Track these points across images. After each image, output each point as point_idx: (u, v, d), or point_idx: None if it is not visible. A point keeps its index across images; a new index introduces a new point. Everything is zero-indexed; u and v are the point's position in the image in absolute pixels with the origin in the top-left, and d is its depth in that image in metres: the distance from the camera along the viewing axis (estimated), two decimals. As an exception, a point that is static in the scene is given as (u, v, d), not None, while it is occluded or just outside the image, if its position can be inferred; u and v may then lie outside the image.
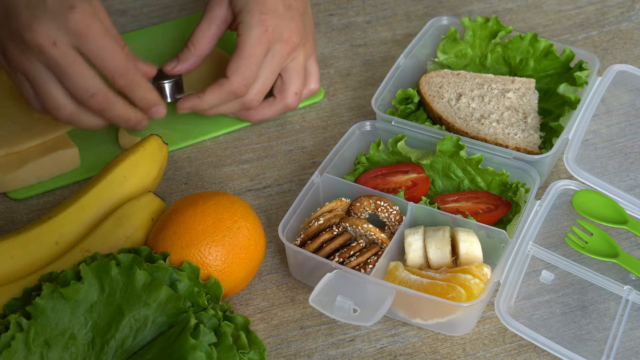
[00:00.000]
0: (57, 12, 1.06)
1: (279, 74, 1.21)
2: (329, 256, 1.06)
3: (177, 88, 1.23)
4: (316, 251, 1.06)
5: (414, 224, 1.10)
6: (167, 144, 1.14)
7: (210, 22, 1.21)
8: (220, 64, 1.31)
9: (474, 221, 1.07)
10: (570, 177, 1.14)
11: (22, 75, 1.11)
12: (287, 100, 1.22)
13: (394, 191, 1.13)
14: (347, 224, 1.08)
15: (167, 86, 1.22)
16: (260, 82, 1.18)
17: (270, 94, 1.23)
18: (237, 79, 1.16)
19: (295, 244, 1.07)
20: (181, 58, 1.22)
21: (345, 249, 1.06)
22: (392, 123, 1.18)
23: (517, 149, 1.17)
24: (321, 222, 1.08)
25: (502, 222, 1.11)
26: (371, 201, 1.10)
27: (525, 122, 1.20)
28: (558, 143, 1.15)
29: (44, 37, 1.06)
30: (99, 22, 1.08)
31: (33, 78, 1.10)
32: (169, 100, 1.22)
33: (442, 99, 1.23)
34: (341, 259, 1.05)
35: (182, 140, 1.25)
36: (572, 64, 1.26)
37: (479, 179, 1.14)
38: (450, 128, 1.20)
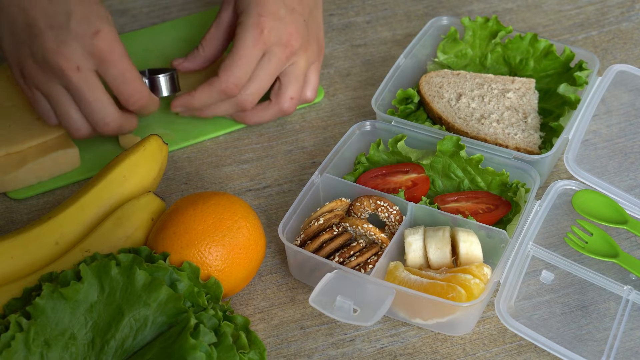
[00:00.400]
0: (82, 36, 1.08)
1: (278, 78, 1.21)
2: (329, 256, 1.06)
3: (172, 83, 1.22)
4: (316, 251, 1.06)
5: (414, 224, 1.10)
6: (167, 144, 1.14)
7: (218, 25, 1.22)
8: (219, 62, 1.31)
9: (474, 221, 1.07)
10: (570, 177, 1.14)
11: (39, 93, 1.13)
12: (283, 104, 1.22)
13: (394, 191, 1.13)
14: (347, 224, 1.08)
15: (162, 79, 1.21)
16: (255, 83, 1.18)
17: (267, 98, 1.23)
18: (227, 78, 1.16)
19: (295, 244, 1.07)
20: (189, 57, 1.24)
21: (345, 249, 1.06)
22: (392, 123, 1.18)
23: (517, 149, 1.17)
24: (321, 222, 1.08)
25: (502, 222, 1.11)
26: (371, 201, 1.10)
27: (525, 122, 1.20)
28: (558, 143, 1.15)
29: (68, 62, 1.08)
30: (121, 45, 1.10)
31: (53, 99, 1.12)
32: (164, 94, 1.22)
33: (442, 99, 1.23)
34: (341, 259, 1.05)
35: (182, 140, 1.25)
36: (572, 64, 1.26)
37: (479, 179, 1.14)
38: (450, 128, 1.20)
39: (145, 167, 1.11)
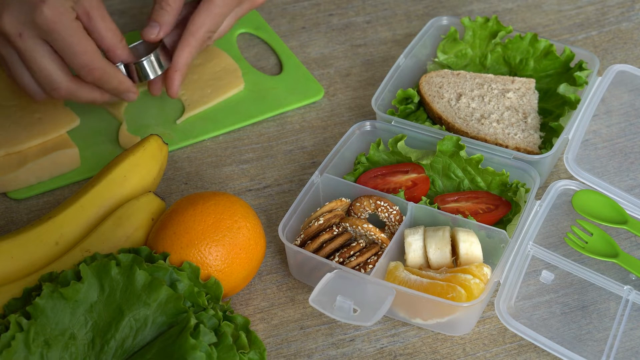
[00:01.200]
0: (28, 3, 1.07)
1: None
2: (329, 256, 1.06)
3: (158, 62, 1.19)
4: (316, 251, 1.06)
5: (414, 224, 1.10)
6: (167, 144, 1.14)
7: None
8: (219, 62, 1.31)
9: (474, 221, 1.07)
10: (570, 177, 1.14)
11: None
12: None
13: (394, 191, 1.13)
14: (347, 224, 1.08)
15: (146, 64, 1.18)
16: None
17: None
18: (203, 32, 1.17)
19: (295, 244, 1.07)
20: (160, 21, 1.18)
21: (345, 249, 1.06)
22: (392, 123, 1.18)
23: (517, 149, 1.17)
24: (321, 222, 1.08)
25: (502, 222, 1.11)
26: (371, 201, 1.10)
27: (525, 122, 1.20)
28: (558, 143, 1.15)
29: (10, 27, 1.07)
30: (68, 18, 1.08)
31: (6, 62, 1.12)
32: (151, 77, 1.19)
33: (442, 99, 1.23)
34: (341, 259, 1.05)
35: (182, 140, 1.25)
36: (572, 64, 1.26)
37: (479, 179, 1.14)
38: (450, 128, 1.20)
39: (145, 167, 1.11)
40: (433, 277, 1.03)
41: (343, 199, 1.11)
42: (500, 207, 1.11)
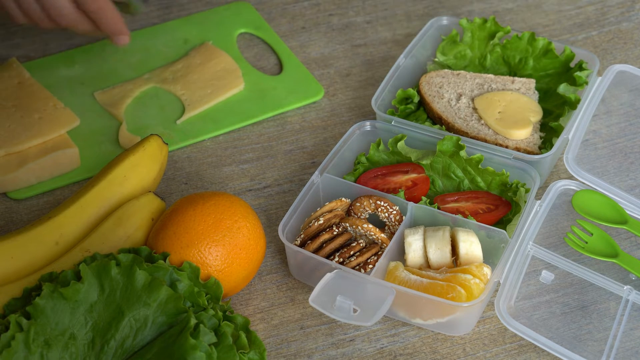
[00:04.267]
0: None
1: None
2: (329, 256, 1.06)
3: None
4: (316, 251, 1.06)
5: (414, 224, 1.10)
6: (167, 144, 1.14)
7: None
8: (219, 62, 1.32)
9: (474, 221, 1.07)
10: (570, 177, 1.14)
11: None
12: None
13: (394, 191, 1.13)
14: (347, 224, 1.08)
15: None
16: None
17: None
18: None
19: (295, 244, 1.07)
20: None
21: (345, 249, 1.06)
22: (392, 123, 1.18)
23: (517, 149, 1.17)
24: (321, 222, 1.08)
25: (502, 222, 1.11)
26: (371, 201, 1.10)
27: (525, 122, 1.20)
28: (558, 143, 1.15)
29: None
30: None
31: None
32: (141, 11, 1.22)
33: (442, 99, 1.23)
34: (341, 259, 1.05)
35: (182, 140, 1.25)
36: (572, 64, 1.26)
37: (479, 179, 1.14)
38: (450, 128, 1.20)
39: (145, 167, 1.11)
40: (433, 277, 1.03)
41: (343, 199, 1.11)
42: (500, 207, 1.11)
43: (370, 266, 1.05)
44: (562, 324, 1.04)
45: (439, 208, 1.11)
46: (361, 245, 1.07)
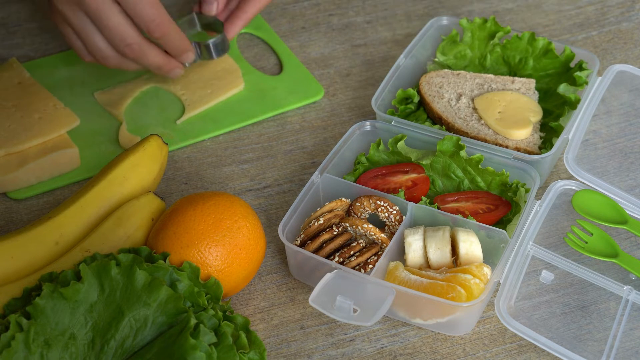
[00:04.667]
0: None
1: None
2: (329, 256, 1.06)
3: (223, 44, 1.25)
4: (316, 251, 1.06)
5: (414, 224, 1.10)
6: (167, 144, 1.14)
7: None
8: (219, 62, 1.31)
9: (474, 221, 1.07)
10: (570, 177, 1.14)
11: (70, 28, 1.16)
12: None
13: (394, 191, 1.13)
14: (347, 224, 1.08)
15: (212, 45, 1.24)
16: None
17: None
18: None
19: (295, 244, 1.07)
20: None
21: (345, 249, 1.06)
22: (392, 123, 1.18)
23: (517, 149, 1.17)
24: (321, 222, 1.08)
25: (502, 222, 1.11)
26: (371, 201, 1.10)
27: (525, 122, 1.20)
28: (558, 143, 1.15)
29: None
30: None
31: (78, 29, 1.15)
32: (214, 57, 1.24)
33: (442, 99, 1.23)
34: (341, 259, 1.05)
35: (182, 140, 1.25)
36: (572, 64, 1.26)
37: (479, 179, 1.14)
38: (450, 128, 1.20)
39: (145, 167, 1.11)
40: (433, 277, 1.03)
41: (343, 199, 1.11)
42: (500, 207, 1.11)
43: (370, 266, 1.05)
44: (562, 324, 1.04)
45: (439, 208, 1.11)
46: (361, 245, 1.07)
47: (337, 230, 1.08)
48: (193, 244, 1.02)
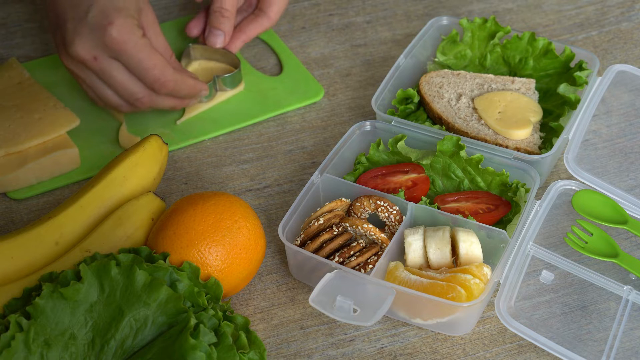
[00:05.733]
0: (97, 27, 1.12)
1: None
2: (329, 256, 1.06)
3: (238, 78, 1.28)
4: (316, 251, 1.06)
5: (414, 224, 1.10)
6: (167, 144, 1.14)
7: None
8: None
9: (474, 221, 1.07)
10: (570, 177, 1.14)
11: (79, 78, 1.18)
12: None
13: (394, 191, 1.13)
14: (347, 224, 1.08)
15: (229, 79, 1.27)
16: None
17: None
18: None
19: (295, 244, 1.07)
20: (223, 29, 1.28)
21: (345, 249, 1.06)
22: (392, 123, 1.18)
23: (517, 149, 1.17)
24: (321, 222, 1.08)
25: (502, 222, 1.11)
26: (371, 201, 1.10)
27: (525, 122, 1.20)
28: (558, 143, 1.15)
29: (85, 53, 1.13)
30: (136, 36, 1.13)
31: (87, 83, 1.17)
32: (230, 91, 1.28)
33: (442, 99, 1.23)
34: (341, 259, 1.05)
35: (182, 140, 1.25)
36: (572, 64, 1.26)
37: (479, 179, 1.14)
38: (450, 128, 1.20)
39: (145, 167, 1.11)
40: (433, 277, 1.03)
41: (343, 199, 1.11)
42: (500, 207, 1.11)
43: (370, 266, 1.05)
44: (562, 324, 1.04)
45: (439, 208, 1.11)
46: (361, 245, 1.07)
47: (337, 230, 1.08)
48: (193, 244, 1.02)
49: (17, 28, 1.40)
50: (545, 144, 1.19)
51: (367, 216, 1.11)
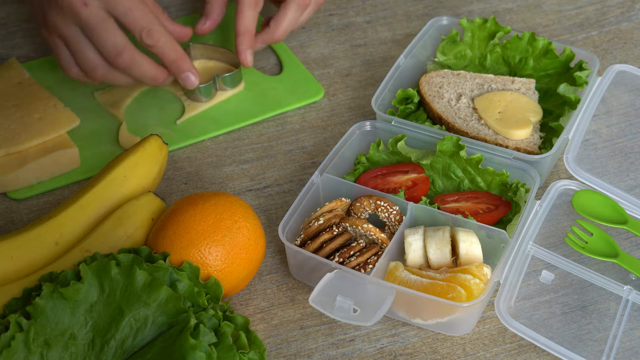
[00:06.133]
0: None
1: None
2: (329, 256, 1.06)
3: (238, 77, 1.28)
4: (316, 251, 1.06)
5: (414, 224, 1.10)
6: (167, 144, 1.14)
7: None
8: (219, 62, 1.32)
9: (474, 221, 1.07)
10: (570, 177, 1.14)
11: (60, 40, 1.17)
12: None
13: (394, 191, 1.13)
14: (347, 224, 1.08)
15: (229, 78, 1.27)
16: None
17: None
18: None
19: (295, 244, 1.07)
20: (206, 14, 1.29)
21: (345, 249, 1.06)
22: (392, 123, 1.18)
23: (517, 149, 1.17)
24: (321, 222, 1.08)
25: (502, 222, 1.11)
26: (371, 201, 1.10)
27: (525, 122, 1.20)
28: (558, 143, 1.15)
29: (75, 0, 1.13)
30: None
31: (69, 40, 1.16)
32: (230, 90, 1.28)
33: (442, 99, 1.23)
34: (341, 259, 1.05)
35: (182, 140, 1.25)
36: (572, 64, 1.26)
37: (479, 179, 1.14)
38: (450, 128, 1.20)
39: (145, 167, 1.11)
40: (433, 277, 1.03)
41: (343, 199, 1.11)
42: (500, 207, 1.11)
43: (370, 266, 1.05)
44: (562, 324, 1.04)
45: (439, 208, 1.11)
46: (361, 245, 1.07)
47: (337, 230, 1.08)
48: (193, 244, 1.02)
49: (17, 28, 1.40)
50: (545, 144, 1.19)
51: (367, 216, 1.11)
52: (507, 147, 1.17)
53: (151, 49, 1.17)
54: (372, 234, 1.07)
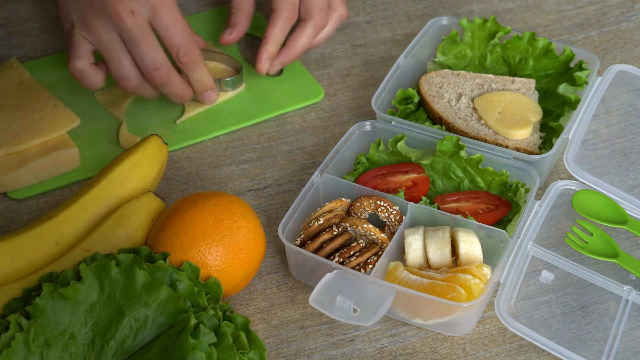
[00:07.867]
0: None
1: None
2: (329, 256, 1.06)
3: (240, 80, 1.29)
4: (316, 251, 1.06)
5: (414, 224, 1.10)
6: (167, 144, 1.14)
7: None
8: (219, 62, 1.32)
9: (474, 221, 1.07)
10: (570, 177, 1.14)
11: (88, 44, 1.17)
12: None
13: (394, 191, 1.13)
14: (347, 224, 1.08)
15: (230, 82, 1.28)
16: None
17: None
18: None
19: (295, 244, 1.07)
20: (232, 24, 1.30)
21: (345, 249, 1.06)
22: (392, 123, 1.18)
23: (517, 149, 1.17)
24: (321, 222, 1.08)
25: (502, 222, 1.11)
26: (371, 201, 1.10)
27: (525, 122, 1.20)
28: (558, 143, 1.15)
29: (123, 5, 1.13)
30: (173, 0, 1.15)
31: (105, 45, 1.16)
32: (231, 91, 1.29)
33: (442, 99, 1.23)
34: (341, 259, 1.05)
35: (182, 140, 1.25)
36: (572, 64, 1.26)
37: (479, 179, 1.14)
38: (450, 128, 1.20)
39: (145, 167, 1.11)
40: (433, 277, 1.03)
41: (343, 199, 1.11)
42: (500, 207, 1.11)
43: (370, 266, 1.05)
44: (562, 324, 1.04)
45: (439, 208, 1.11)
46: (361, 245, 1.07)
47: (337, 230, 1.08)
48: (193, 244, 1.02)
49: (17, 28, 1.40)
50: (545, 144, 1.19)
51: (367, 216, 1.11)
52: (507, 147, 1.17)
53: (182, 65, 1.18)
54: (372, 234, 1.07)
